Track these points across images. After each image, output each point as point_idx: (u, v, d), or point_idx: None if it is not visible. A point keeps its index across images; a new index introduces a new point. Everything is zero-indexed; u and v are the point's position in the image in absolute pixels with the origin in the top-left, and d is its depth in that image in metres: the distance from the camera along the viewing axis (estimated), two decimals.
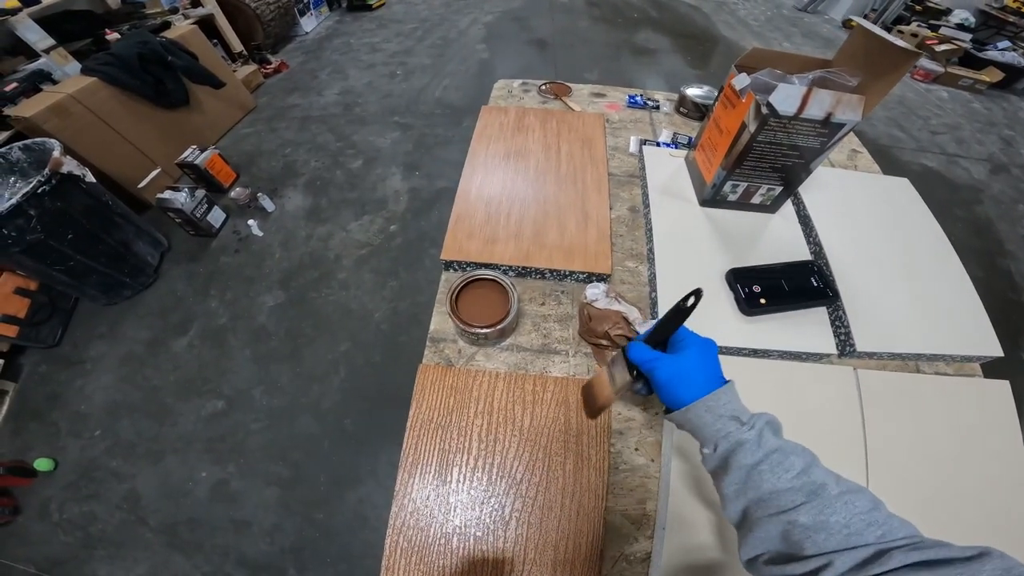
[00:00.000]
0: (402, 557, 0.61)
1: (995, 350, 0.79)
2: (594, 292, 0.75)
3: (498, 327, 0.71)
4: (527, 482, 0.65)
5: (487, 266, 0.83)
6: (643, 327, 0.73)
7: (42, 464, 1.58)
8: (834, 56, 0.83)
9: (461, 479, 0.65)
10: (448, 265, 0.87)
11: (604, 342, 0.74)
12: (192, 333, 1.96)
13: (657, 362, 0.50)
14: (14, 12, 2.02)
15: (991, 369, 0.82)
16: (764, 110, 0.70)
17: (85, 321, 2.00)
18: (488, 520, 0.63)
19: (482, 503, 0.64)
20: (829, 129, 0.72)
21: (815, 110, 0.69)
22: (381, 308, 2.04)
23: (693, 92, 1.21)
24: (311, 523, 1.51)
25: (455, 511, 0.63)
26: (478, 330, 0.71)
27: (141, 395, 1.78)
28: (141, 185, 2.31)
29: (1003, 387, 0.76)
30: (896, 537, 0.36)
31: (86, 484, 1.57)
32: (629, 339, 0.73)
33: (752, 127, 0.74)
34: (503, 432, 0.68)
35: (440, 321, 0.81)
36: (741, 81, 0.76)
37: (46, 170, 1.62)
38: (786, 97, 0.68)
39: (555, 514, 0.63)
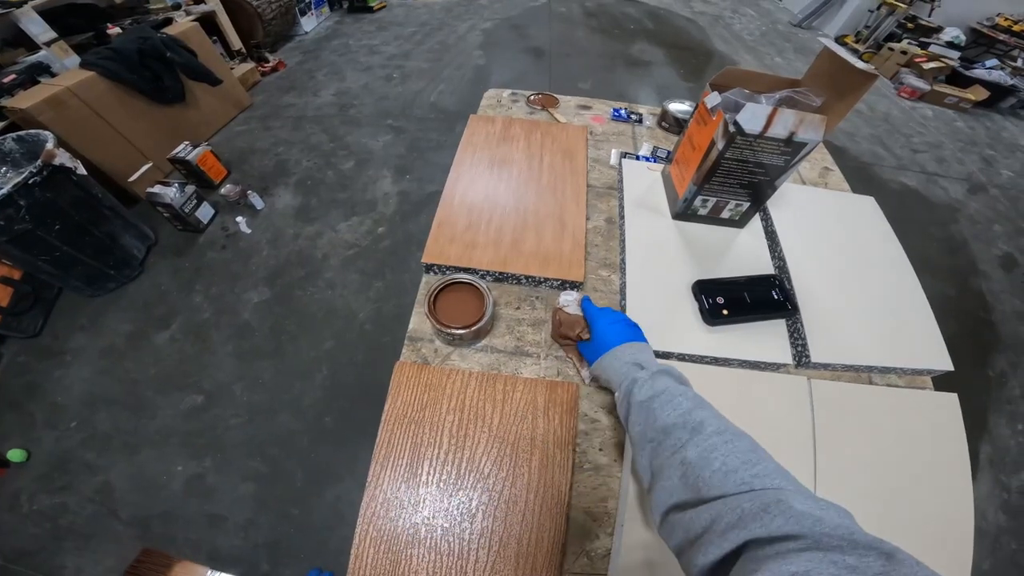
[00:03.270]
0: (371, 546, 0.63)
1: (946, 365, 0.82)
2: (566, 298, 0.78)
3: (473, 328, 0.74)
4: (494, 477, 0.67)
5: (466, 270, 0.86)
6: None
7: (15, 455, 1.57)
8: (803, 76, 0.87)
9: (431, 472, 0.67)
10: (429, 268, 0.89)
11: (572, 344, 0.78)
12: (175, 327, 1.97)
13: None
14: (19, 5, 2.04)
15: (942, 382, 0.85)
16: (731, 128, 0.74)
17: (67, 312, 2.00)
18: (455, 512, 0.65)
19: (450, 496, 0.66)
20: (792, 147, 0.75)
21: (779, 129, 0.72)
22: (366, 308, 2.07)
23: (675, 107, 1.25)
24: (287, 519, 1.53)
25: (424, 503, 0.65)
26: (454, 331, 0.74)
27: (120, 388, 1.78)
28: (132, 179, 2.32)
29: (951, 400, 0.79)
30: (771, 484, 0.39)
31: (59, 476, 1.57)
32: None
33: (720, 144, 0.78)
34: (473, 429, 0.71)
35: (418, 321, 0.83)
36: (712, 99, 0.80)
37: (38, 161, 1.63)
38: (752, 116, 0.72)
39: (520, 509, 0.65)
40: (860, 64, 0.73)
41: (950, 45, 4.41)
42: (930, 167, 3.39)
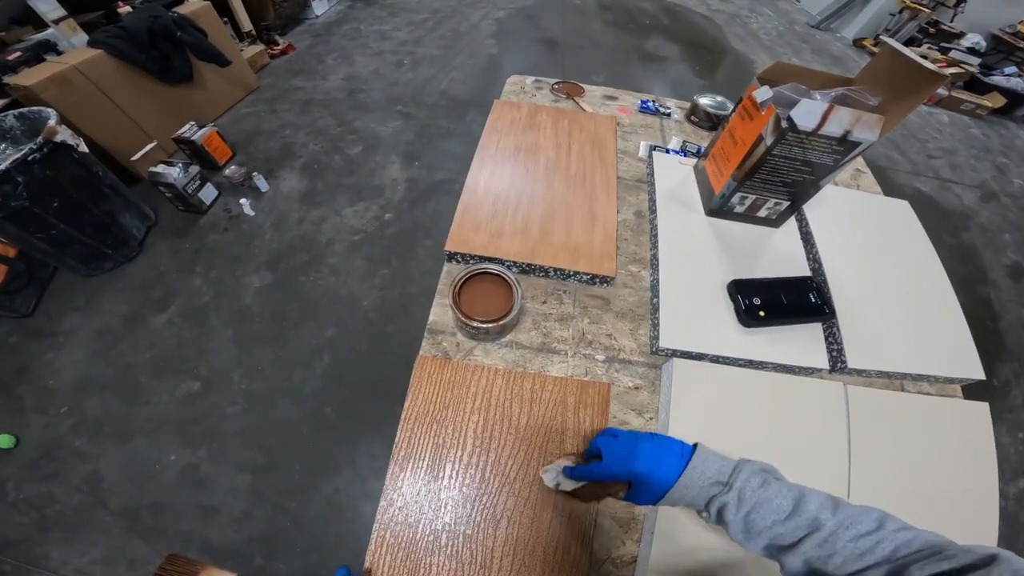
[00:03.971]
0: (388, 553, 0.59)
1: (978, 373, 0.81)
2: (550, 476, 0.62)
3: (500, 323, 0.70)
4: (521, 481, 0.64)
5: (491, 260, 0.82)
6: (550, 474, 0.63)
7: (2, 440, 1.52)
8: (857, 75, 0.83)
9: (454, 475, 0.64)
10: (451, 257, 0.85)
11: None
12: (172, 310, 1.92)
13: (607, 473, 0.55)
14: None
15: (970, 391, 0.83)
16: (784, 124, 0.70)
17: (62, 292, 1.95)
18: (479, 518, 0.61)
19: (474, 500, 0.62)
20: (845, 147, 0.72)
21: (834, 127, 0.69)
22: (370, 296, 2.01)
23: (705, 102, 1.21)
24: (283, 512, 1.48)
25: (446, 508, 0.62)
26: (479, 324, 0.69)
27: (113, 372, 1.73)
28: (135, 158, 2.27)
29: (982, 409, 0.77)
30: (912, 551, 0.38)
31: (47, 463, 1.52)
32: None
33: (769, 140, 0.74)
34: (499, 429, 0.67)
35: (440, 313, 0.79)
36: (763, 93, 0.76)
37: (39, 138, 1.59)
38: (807, 112, 0.68)
39: (547, 515, 0.62)
40: (928, 64, 0.69)
41: (971, 51, 4.34)
42: (944, 173, 3.36)
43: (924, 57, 3.60)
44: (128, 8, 2.46)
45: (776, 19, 5.39)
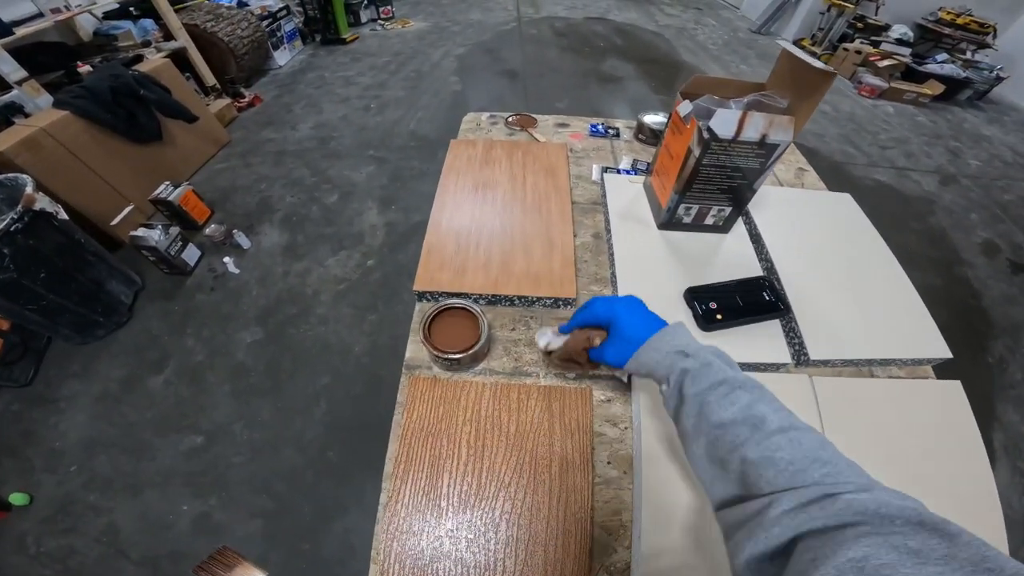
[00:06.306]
0: (396, 562, 0.62)
1: (943, 352, 0.83)
2: (545, 338, 0.72)
3: (470, 352, 0.74)
4: (515, 484, 0.68)
5: (458, 295, 0.87)
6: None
7: (17, 499, 1.55)
8: (767, 79, 0.90)
9: (451, 484, 0.68)
10: (421, 296, 0.90)
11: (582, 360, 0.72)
12: (169, 371, 1.94)
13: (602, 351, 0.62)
14: None
15: (943, 370, 0.86)
16: (706, 135, 0.76)
17: (58, 360, 1.97)
18: (479, 522, 0.65)
19: (472, 507, 0.66)
20: (765, 150, 0.77)
21: (751, 132, 0.74)
22: (361, 342, 2.06)
23: (650, 119, 1.28)
24: (298, 554, 1.51)
25: (447, 515, 0.66)
26: (451, 356, 0.74)
27: (117, 431, 1.76)
28: (114, 223, 2.30)
29: (955, 387, 0.80)
30: (843, 480, 0.37)
31: (63, 518, 1.55)
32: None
33: (697, 151, 0.80)
34: (490, 438, 0.71)
35: (415, 349, 0.83)
36: (684, 108, 0.82)
37: (19, 207, 1.60)
38: (724, 121, 0.74)
39: (543, 515, 0.66)
40: (818, 64, 0.75)
41: (900, 42, 4.56)
42: (900, 162, 3.48)
43: (858, 52, 3.81)
44: (88, 68, 2.48)
45: (720, 28, 5.63)
